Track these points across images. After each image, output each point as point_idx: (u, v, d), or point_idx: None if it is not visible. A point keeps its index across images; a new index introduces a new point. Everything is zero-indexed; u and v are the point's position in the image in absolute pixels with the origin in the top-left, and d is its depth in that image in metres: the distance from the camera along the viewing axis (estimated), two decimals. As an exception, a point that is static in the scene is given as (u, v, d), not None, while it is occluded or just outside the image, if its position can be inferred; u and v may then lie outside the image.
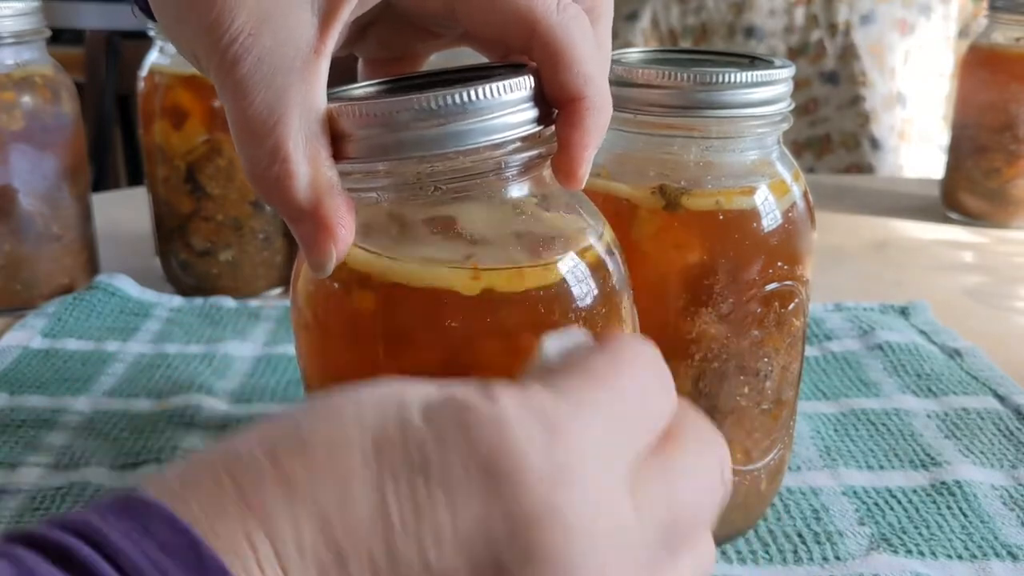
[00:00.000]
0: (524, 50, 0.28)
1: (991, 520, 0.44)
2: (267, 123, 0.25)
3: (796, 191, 0.39)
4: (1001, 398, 0.56)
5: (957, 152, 0.92)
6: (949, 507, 0.45)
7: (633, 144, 0.39)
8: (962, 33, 1.37)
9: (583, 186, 0.28)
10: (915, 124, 1.31)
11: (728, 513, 0.41)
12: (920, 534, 0.43)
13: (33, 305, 0.67)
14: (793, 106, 0.38)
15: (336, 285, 0.28)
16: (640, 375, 0.24)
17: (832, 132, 1.28)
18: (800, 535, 0.43)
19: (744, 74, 0.36)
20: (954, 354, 0.62)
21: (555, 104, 0.28)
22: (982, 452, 0.50)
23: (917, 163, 1.30)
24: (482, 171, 0.27)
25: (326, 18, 0.26)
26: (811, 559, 0.42)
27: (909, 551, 0.42)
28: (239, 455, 0.20)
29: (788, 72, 0.38)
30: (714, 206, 0.37)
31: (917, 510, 0.45)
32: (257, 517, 0.19)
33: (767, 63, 0.39)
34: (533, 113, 0.27)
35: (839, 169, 1.28)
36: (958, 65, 0.94)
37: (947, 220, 0.93)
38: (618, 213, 0.38)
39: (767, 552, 0.42)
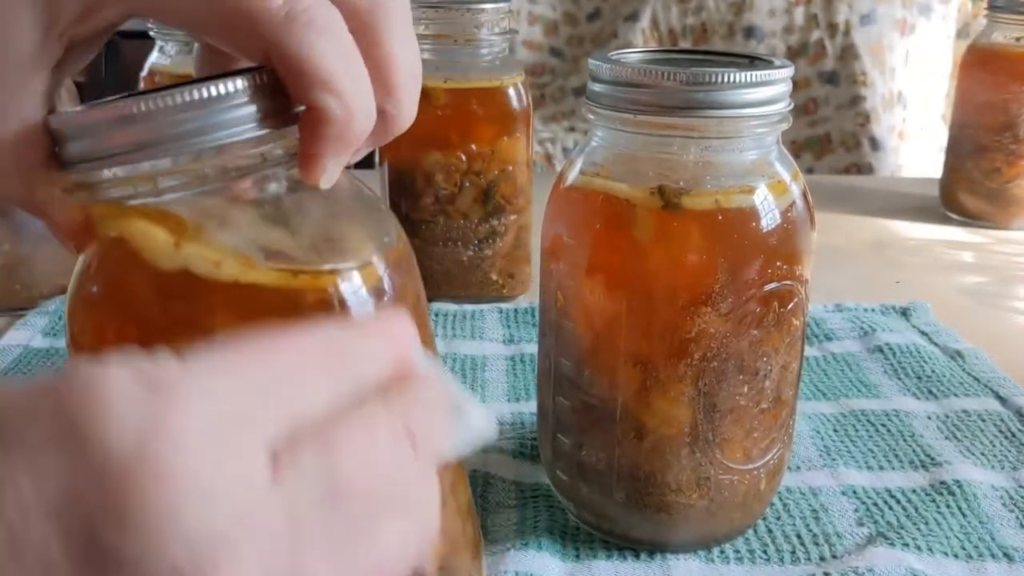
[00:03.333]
0: (264, 60, 0.27)
1: (990, 521, 0.44)
2: None
3: (795, 191, 0.39)
4: (1002, 399, 0.56)
5: (957, 152, 0.92)
6: (948, 506, 0.45)
7: (632, 144, 0.39)
8: (962, 33, 1.37)
9: (328, 186, 0.27)
10: (915, 124, 1.31)
11: (728, 512, 0.41)
12: (918, 529, 0.43)
13: (33, 305, 0.67)
14: (792, 106, 0.38)
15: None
16: (341, 336, 0.22)
17: (832, 132, 1.28)
18: (799, 535, 0.43)
19: (743, 74, 0.36)
20: (955, 355, 0.62)
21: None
22: (983, 453, 0.50)
23: (917, 163, 1.30)
24: (204, 174, 0.26)
25: (47, 32, 0.26)
26: (809, 559, 0.42)
27: (906, 544, 0.42)
28: None
29: (787, 72, 0.38)
30: (713, 206, 0.37)
31: (916, 509, 0.45)
32: None
33: (767, 63, 0.39)
34: (252, 115, 0.26)
35: (839, 169, 1.28)
36: (958, 65, 0.94)
37: (947, 220, 0.93)
38: (618, 213, 0.38)
39: (766, 552, 0.42)
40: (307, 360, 0.22)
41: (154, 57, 0.68)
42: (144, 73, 0.69)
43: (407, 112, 0.28)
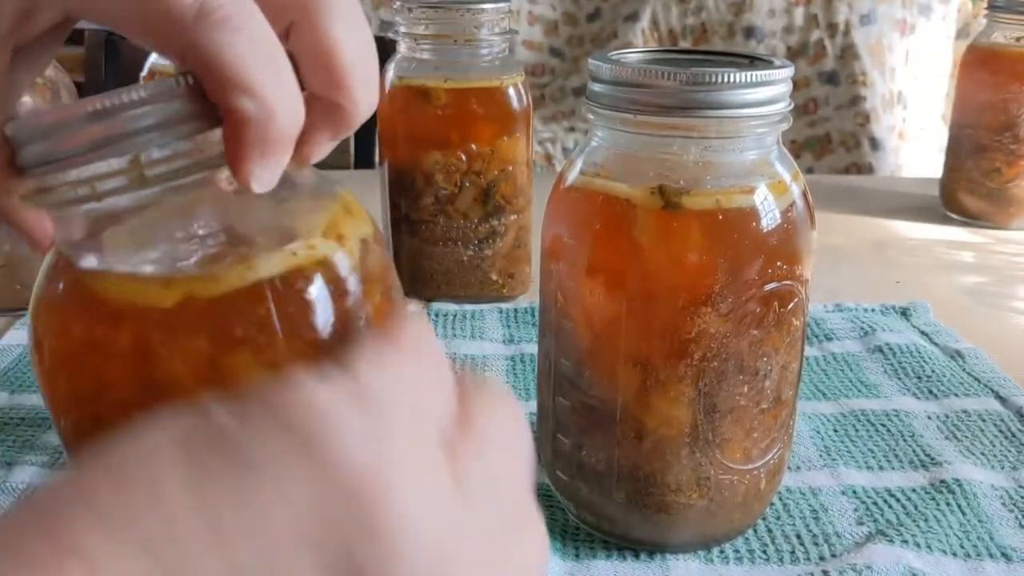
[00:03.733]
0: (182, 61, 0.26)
1: (989, 520, 0.44)
2: None
3: (795, 191, 0.39)
4: (1003, 399, 0.56)
5: (957, 152, 0.92)
6: (948, 504, 0.45)
7: (632, 144, 0.39)
8: (962, 33, 1.37)
9: (263, 190, 0.26)
10: (915, 124, 1.31)
11: (728, 512, 0.41)
12: (918, 527, 0.43)
13: (33, 305, 0.67)
14: (792, 106, 0.38)
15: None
16: (427, 348, 0.23)
17: (832, 132, 1.28)
18: (799, 535, 0.43)
19: (743, 74, 0.36)
20: (955, 355, 0.62)
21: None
22: (983, 453, 0.50)
23: (917, 163, 1.30)
24: (145, 177, 0.25)
25: None
26: (809, 559, 0.42)
27: (905, 542, 0.42)
28: (43, 502, 0.18)
29: (787, 72, 0.38)
30: (713, 206, 0.37)
31: (916, 508, 0.45)
32: (73, 556, 0.17)
33: (767, 63, 0.39)
34: (178, 118, 0.25)
35: (839, 169, 1.28)
36: (958, 65, 0.94)
37: (947, 220, 0.93)
38: (618, 213, 0.38)
39: (766, 552, 0.42)
40: (429, 364, 0.23)
41: (153, 57, 0.68)
42: (144, 73, 0.69)
43: (363, 102, 0.26)
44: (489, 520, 0.22)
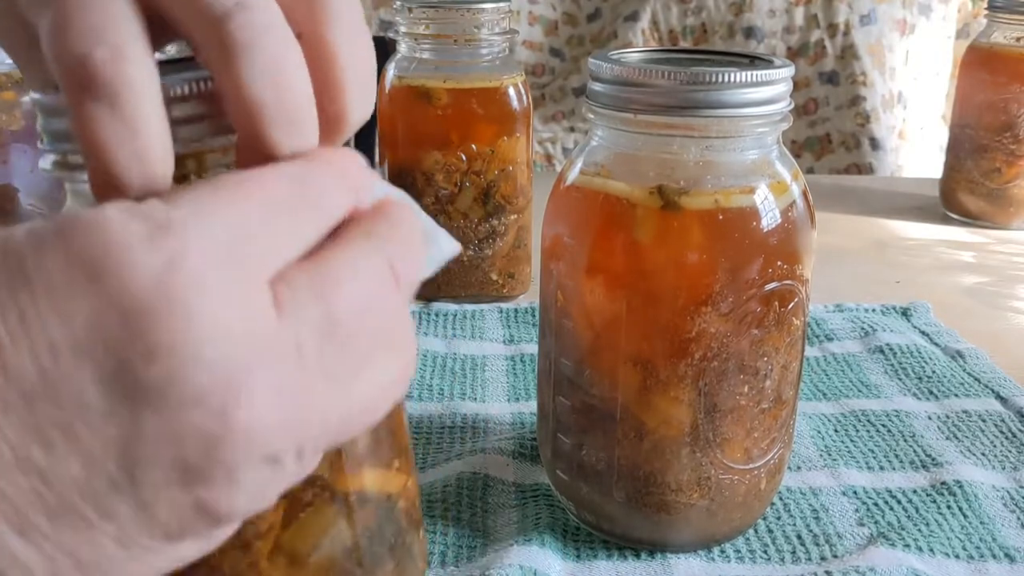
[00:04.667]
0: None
1: (991, 521, 0.44)
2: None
3: (795, 190, 0.39)
4: (1003, 400, 0.56)
5: (957, 152, 0.92)
6: (949, 506, 0.45)
7: (632, 144, 0.39)
8: (962, 33, 1.37)
9: None
10: (915, 124, 1.31)
11: (728, 511, 0.41)
12: (919, 530, 0.43)
13: (33, 305, 0.67)
14: (793, 106, 0.38)
15: None
16: (301, 172, 0.23)
17: (832, 132, 1.28)
18: (799, 535, 0.43)
19: (744, 74, 0.36)
20: (956, 356, 0.62)
21: None
22: (983, 454, 0.50)
23: (917, 163, 1.30)
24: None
25: None
26: (810, 559, 0.42)
27: (907, 545, 0.42)
28: None
29: (788, 72, 0.38)
30: (713, 205, 0.37)
31: (917, 509, 0.45)
32: None
33: (767, 63, 0.39)
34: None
35: (839, 169, 1.28)
36: (958, 65, 0.94)
37: (947, 220, 0.93)
38: (618, 213, 0.38)
39: (766, 551, 0.42)
40: (281, 198, 0.22)
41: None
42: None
43: (355, 116, 0.26)
44: (320, 343, 0.21)
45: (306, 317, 0.21)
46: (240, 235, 0.21)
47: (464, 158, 0.67)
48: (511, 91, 0.68)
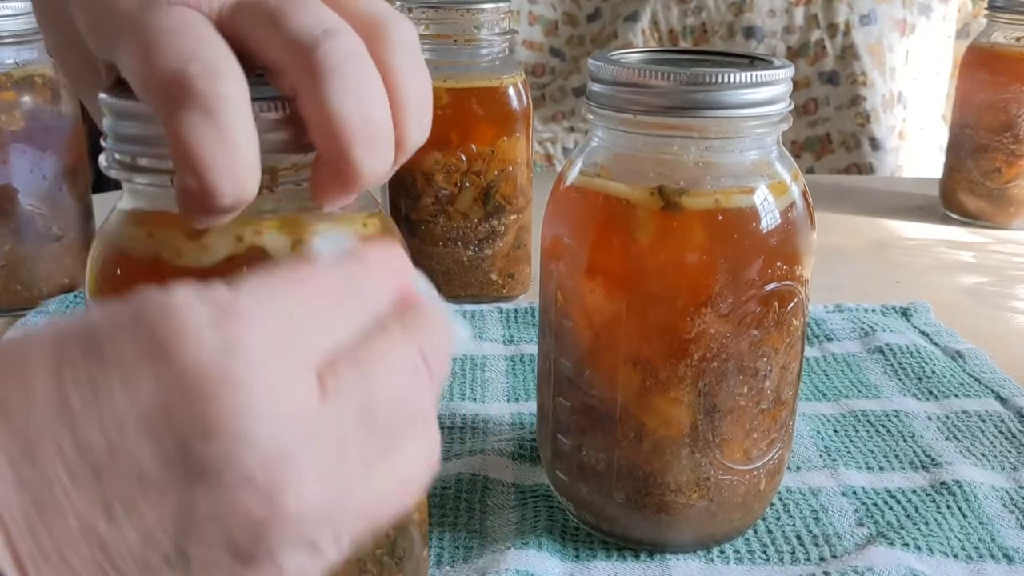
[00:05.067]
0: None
1: (990, 521, 0.44)
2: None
3: (795, 191, 0.39)
4: (1003, 400, 0.56)
5: (957, 152, 0.92)
6: (948, 506, 0.45)
7: (632, 144, 0.39)
8: (962, 33, 1.37)
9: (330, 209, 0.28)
10: (915, 124, 1.31)
11: (728, 512, 0.41)
12: (919, 530, 0.43)
13: (33, 305, 0.67)
14: (792, 106, 0.38)
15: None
16: (351, 269, 0.24)
17: (832, 132, 1.28)
18: (799, 535, 0.43)
19: (743, 74, 0.36)
20: (956, 356, 0.62)
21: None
22: (983, 454, 0.50)
23: (917, 163, 1.30)
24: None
25: None
26: (809, 559, 0.42)
27: (906, 544, 0.42)
28: None
29: (787, 72, 0.38)
30: (713, 206, 0.37)
31: (916, 509, 0.45)
32: None
33: (767, 63, 0.39)
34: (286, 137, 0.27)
35: (839, 169, 1.28)
36: (958, 65, 0.94)
37: (947, 220, 0.93)
38: (618, 213, 0.38)
39: (766, 552, 0.42)
40: (331, 292, 0.24)
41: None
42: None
43: (414, 140, 0.28)
44: (359, 432, 0.22)
45: (347, 405, 0.22)
46: (295, 325, 0.22)
47: (464, 158, 0.67)
48: (511, 91, 0.68)
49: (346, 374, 0.22)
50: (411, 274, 0.26)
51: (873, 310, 0.69)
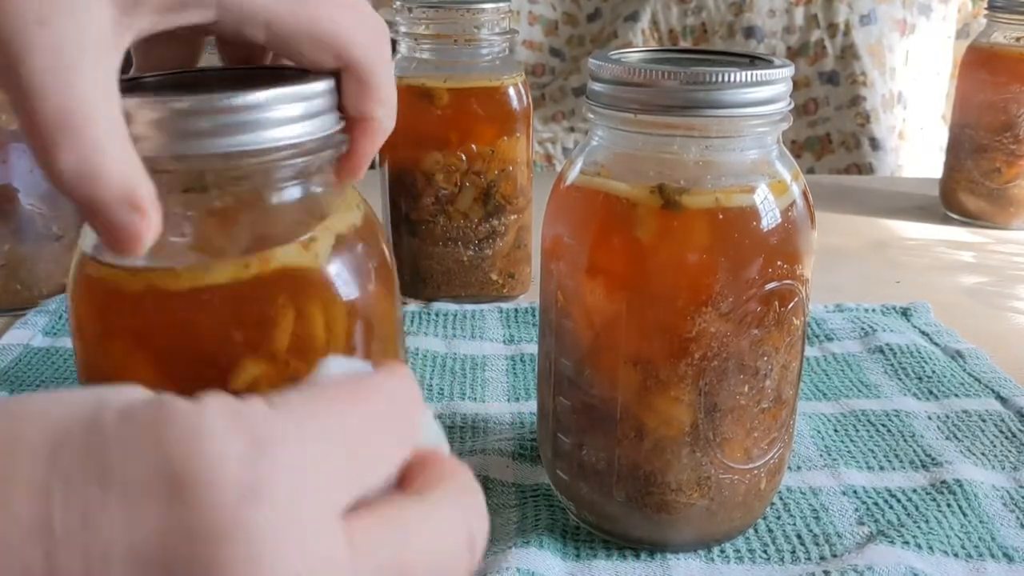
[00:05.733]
0: (335, 69, 0.29)
1: (990, 520, 0.44)
2: (72, 117, 0.23)
3: (795, 190, 0.39)
4: (1003, 400, 0.56)
5: (957, 152, 0.92)
6: (949, 505, 0.45)
7: (633, 143, 0.39)
8: (962, 33, 1.37)
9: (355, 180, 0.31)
10: (915, 124, 1.31)
11: (728, 511, 0.41)
12: (919, 529, 0.43)
13: (33, 304, 0.67)
14: (793, 106, 0.38)
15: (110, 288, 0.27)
16: (385, 409, 0.22)
17: (832, 132, 1.28)
18: (799, 535, 0.43)
19: (744, 74, 0.36)
20: (956, 355, 0.62)
21: (349, 115, 0.29)
22: (983, 454, 0.50)
23: (917, 163, 1.30)
24: (268, 170, 0.27)
25: (117, 21, 0.25)
26: (809, 558, 0.42)
27: (906, 542, 0.42)
28: None
29: (788, 72, 0.38)
30: (714, 205, 0.37)
31: (916, 508, 0.45)
32: None
33: (767, 63, 0.39)
34: (327, 119, 0.28)
35: (839, 169, 1.28)
36: (958, 65, 0.94)
37: (947, 220, 0.93)
38: (618, 212, 0.38)
39: (766, 551, 0.42)
40: (378, 422, 0.22)
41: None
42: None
43: (392, 121, 0.31)
44: None
45: (375, 557, 0.20)
46: (330, 460, 0.20)
47: (464, 158, 0.67)
48: (511, 91, 0.68)
49: (379, 528, 0.21)
50: (423, 411, 0.25)
51: (873, 310, 0.69)
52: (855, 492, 0.47)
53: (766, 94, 0.37)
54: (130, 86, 0.27)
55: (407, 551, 0.21)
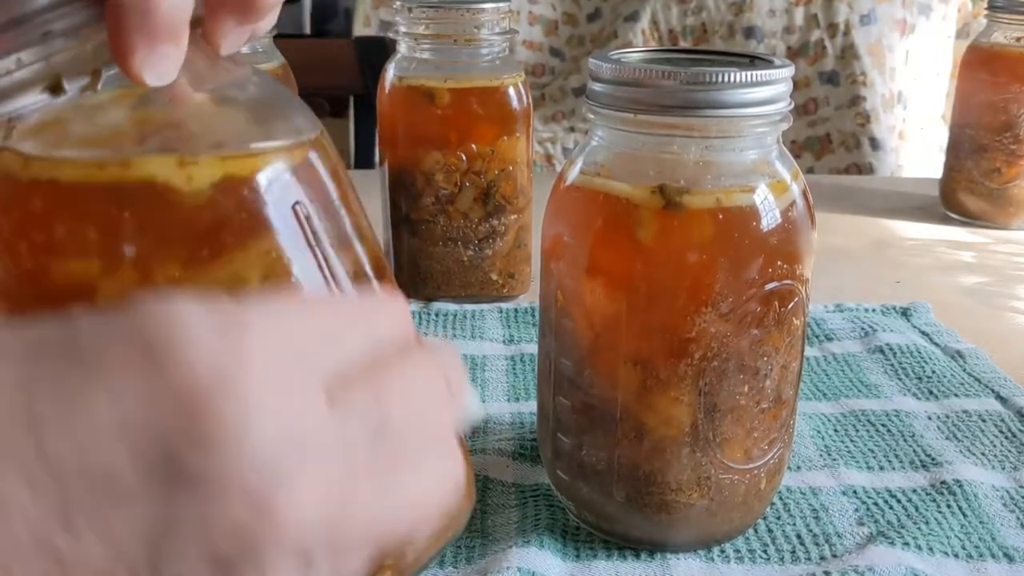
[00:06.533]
0: None
1: (990, 521, 0.44)
2: None
3: (795, 190, 0.39)
4: (1003, 400, 0.56)
5: (957, 152, 0.92)
6: (949, 506, 0.45)
7: (633, 143, 0.39)
8: (962, 33, 1.37)
9: (160, 83, 0.24)
10: (915, 124, 1.31)
11: (728, 511, 0.41)
12: (919, 529, 0.43)
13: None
14: (793, 106, 0.38)
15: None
16: (367, 304, 0.24)
17: (832, 132, 1.28)
18: (799, 535, 0.43)
19: (744, 74, 0.36)
20: (956, 355, 0.62)
21: None
22: (983, 454, 0.50)
23: (917, 163, 1.31)
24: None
25: None
26: (809, 558, 0.42)
27: (906, 543, 0.42)
28: None
29: (788, 72, 0.38)
30: (714, 205, 0.37)
31: (916, 508, 0.45)
32: None
33: (767, 63, 0.39)
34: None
35: (839, 169, 1.28)
36: (958, 65, 0.94)
37: (947, 220, 0.93)
38: (618, 212, 0.38)
39: (766, 551, 0.42)
40: (344, 317, 0.23)
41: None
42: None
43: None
44: (370, 446, 0.21)
45: (358, 416, 0.21)
46: (304, 340, 0.21)
47: (464, 158, 0.67)
48: (511, 91, 0.68)
49: (358, 389, 0.22)
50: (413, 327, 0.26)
51: (873, 310, 0.69)
52: (855, 492, 0.47)
53: (766, 94, 0.37)
54: None
55: (385, 402, 0.22)
